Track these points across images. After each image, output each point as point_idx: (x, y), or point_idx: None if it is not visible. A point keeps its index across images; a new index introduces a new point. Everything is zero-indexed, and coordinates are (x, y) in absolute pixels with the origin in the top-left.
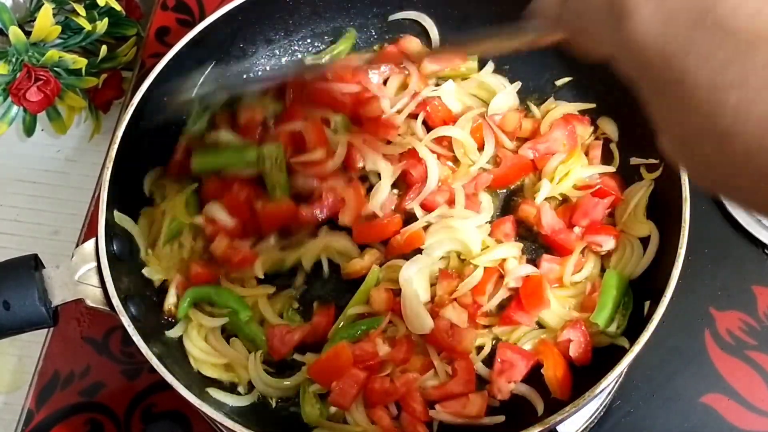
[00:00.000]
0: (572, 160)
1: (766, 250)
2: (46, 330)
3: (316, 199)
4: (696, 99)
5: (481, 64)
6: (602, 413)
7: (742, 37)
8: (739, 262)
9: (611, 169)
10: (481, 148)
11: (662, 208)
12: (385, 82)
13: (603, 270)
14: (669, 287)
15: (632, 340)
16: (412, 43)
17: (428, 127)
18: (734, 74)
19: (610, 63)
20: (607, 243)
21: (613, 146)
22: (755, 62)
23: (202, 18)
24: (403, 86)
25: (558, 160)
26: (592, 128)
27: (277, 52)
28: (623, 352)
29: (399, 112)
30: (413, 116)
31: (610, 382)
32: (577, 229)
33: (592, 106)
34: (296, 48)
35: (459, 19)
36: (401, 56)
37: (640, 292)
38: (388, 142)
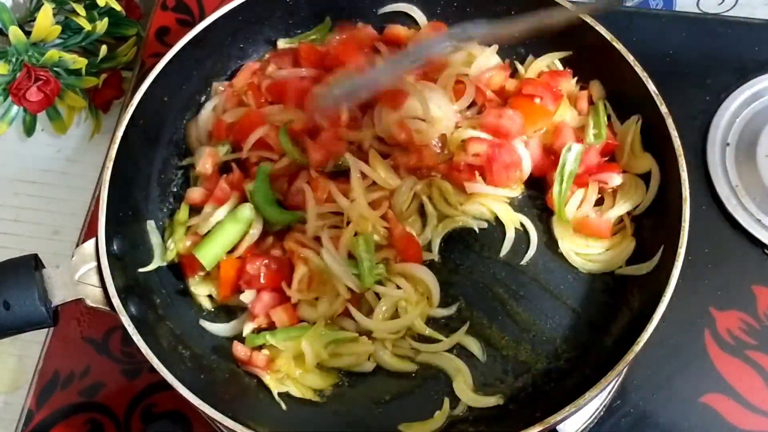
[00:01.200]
0: (560, 112)
1: (766, 250)
2: (46, 330)
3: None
4: None
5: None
6: (602, 413)
7: None
8: (739, 262)
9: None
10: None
11: (656, 143)
12: None
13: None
14: (669, 287)
15: (632, 340)
16: (399, 31)
17: None
18: None
19: None
20: (613, 179)
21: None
22: None
23: (202, 18)
24: None
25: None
26: (575, 80)
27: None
28: (623, 351)
29: None
30: None
31: (610, 381)
32: None
33: (569, 53)
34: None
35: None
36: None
37: (641, 291)
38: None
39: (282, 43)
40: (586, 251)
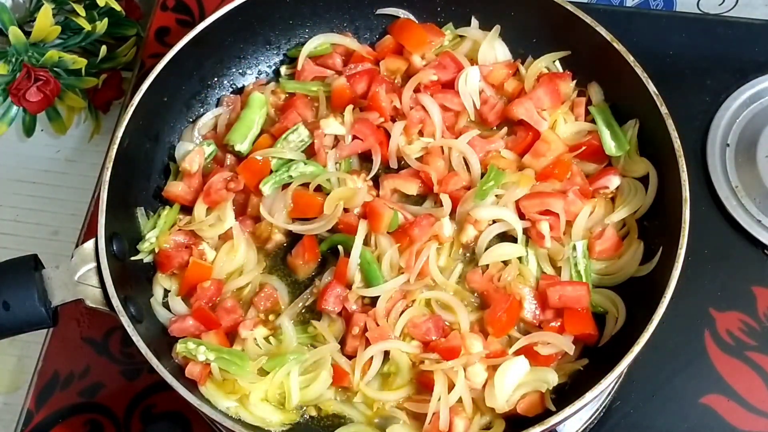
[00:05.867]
0: (557, 113)
1: (766, 251)
2: (45, 330)
3: None
4: None
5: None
6: (602, 414)
7: None
8: (739, 263)
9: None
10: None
11: (656, 145)
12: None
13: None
14: (669, 288)
15: (632, 341)
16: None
17: None
18: None
19: None
20: (613, 182)
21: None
22: None
23: (202, 18)
24: None
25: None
26: (573, 84)
27: (276, 52)
28: (623, 352)
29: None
30: None
31: (610, 382)
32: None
33: (568, 53)
34: (296, 49)
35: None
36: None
37: (641, 292)
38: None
39: (285, 70)
40: (596, 266)
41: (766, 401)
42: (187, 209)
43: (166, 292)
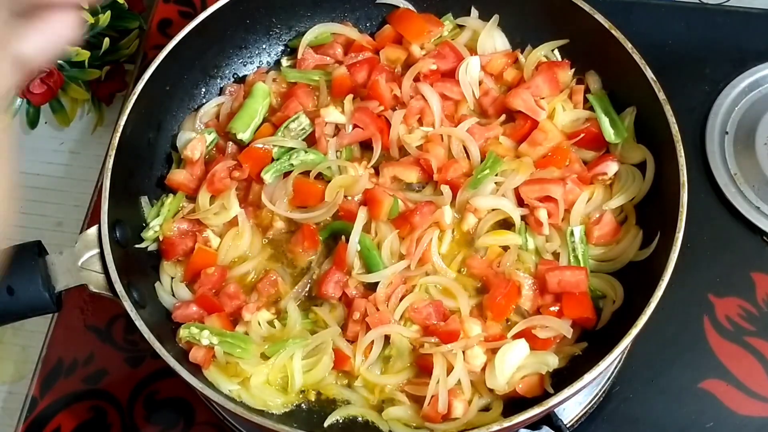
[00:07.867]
0: (555, 101)
1: (764, 237)
2: (49, 320)
3: None
4: None
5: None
6: (602, 398)
7: None
8: (738, 249)
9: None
10: None
11: (653, 131)
12: None
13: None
14: (667, 271)
15: (630, 324)
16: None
17: None
18: None
19: None
20: (611, 168)
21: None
22: None
23: (204, 9)
24: None
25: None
26: (572, 72)
27: (277, 41)
28: (621, 336)
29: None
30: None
31: (608, 364)
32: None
33: (566, 41)
34: (297, 39)
35: None
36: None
37: (640, 277)
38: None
39: (285, 61)
40: (595, 252)
41: (764, 386)
42: (190, 197)
43: (172, 279)
